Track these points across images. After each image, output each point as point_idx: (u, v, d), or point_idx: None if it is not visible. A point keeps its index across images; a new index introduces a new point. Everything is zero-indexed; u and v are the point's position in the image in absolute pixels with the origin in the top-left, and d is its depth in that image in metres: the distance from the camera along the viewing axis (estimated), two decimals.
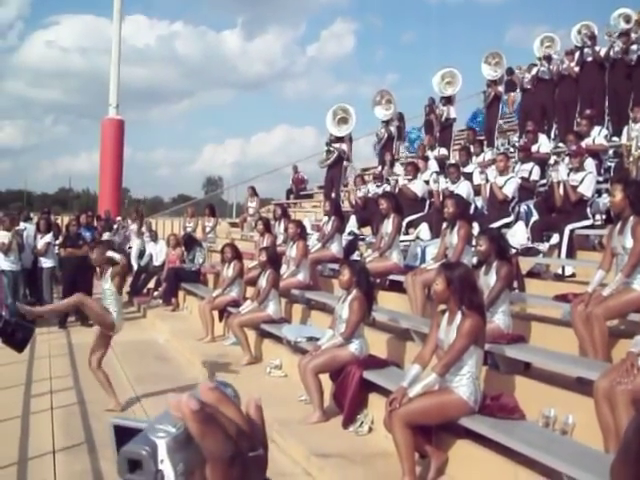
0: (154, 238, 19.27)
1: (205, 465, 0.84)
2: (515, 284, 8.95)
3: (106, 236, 18.62)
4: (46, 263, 15.49)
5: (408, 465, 5.88)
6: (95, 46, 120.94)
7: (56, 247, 15.83)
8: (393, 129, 19.73)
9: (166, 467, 0.83)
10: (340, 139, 18.09)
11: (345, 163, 18.74)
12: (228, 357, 10.95)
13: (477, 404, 5.96)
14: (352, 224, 14.32)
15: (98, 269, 14.86)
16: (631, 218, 6.67)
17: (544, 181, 12.00)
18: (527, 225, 10.44)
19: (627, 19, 15.35)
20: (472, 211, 11.36)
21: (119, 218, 24.12)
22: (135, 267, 17.76)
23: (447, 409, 5.94)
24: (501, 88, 18.52)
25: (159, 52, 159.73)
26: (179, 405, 0.83)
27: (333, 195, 17.89)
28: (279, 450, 7.34)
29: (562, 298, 7.63)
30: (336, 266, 10.23)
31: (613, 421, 5.06)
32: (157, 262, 18.16)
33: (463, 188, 12.20)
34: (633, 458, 0.89)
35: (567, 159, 11.24)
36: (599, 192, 11.02)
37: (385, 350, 8.72)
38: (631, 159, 11.43)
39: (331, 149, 18.09)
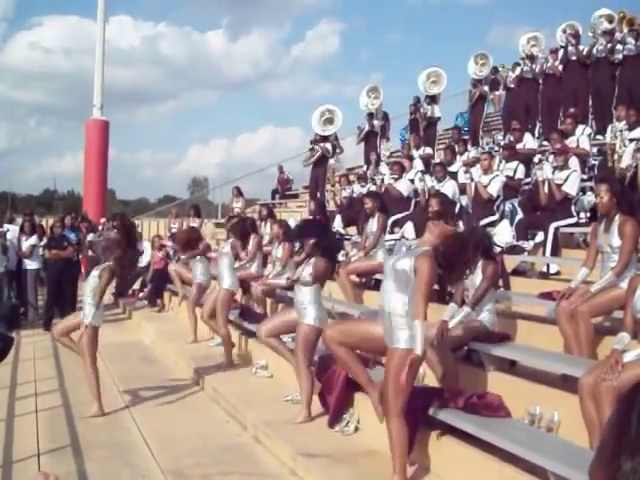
0: (139, 239, 19.21)
1: None
2: (500, 282, 8.96)
3: (90, 237, 18.52)
4: (31, 265, 15.42)
5: (401, 463, 5.88)
6: (79, 47, 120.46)
7: (40, 249, 15.74)
8: (376, 124, 19.76)
9: None
10: (325, 139, 18.13)
11: (331, 162, 18.78)
12: (214, 358, 10.91)
13: None
14: (337, 224, 14.32)
15: (83, 269, 14.86)
16: (617, 217, 6.69)
17: (529, 180, 12.03)
18: (512, 223, 10.45)
19: (610, 19, 15.39)
20: (457, 210, 11.35)
21: (103, 220, 24.03)
22: None
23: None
24: (486, 88, 18.56)
25: (144, 53, 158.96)
26: None
27: (318, 195, 17.92)
28: (265, 450, 7.33)
29: (547, 296, 7.65)
30: None
31: (598, 418, 5.07)
32: (142, 263, 18.11)
33: (449, 187, 12.23)
34: (608, 457, 0.88)
35: (551, 157, 11.28)
36: (583, 190, 11.05)
37: None
38: (615, 157, 11.46)
39: (315, 147, 18.14)
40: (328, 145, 18.16)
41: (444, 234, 5.92)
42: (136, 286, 18.11)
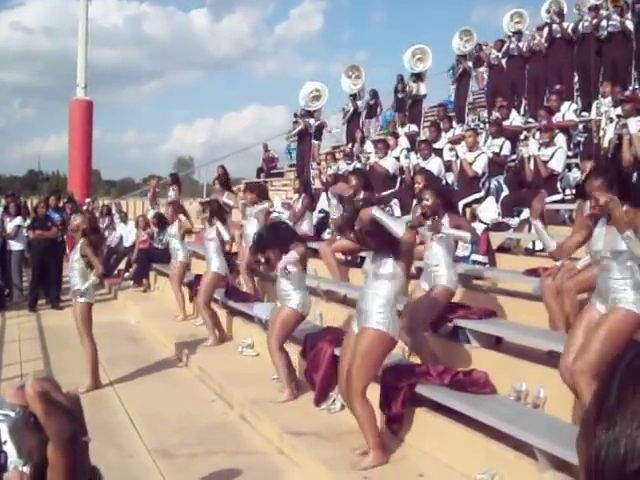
0: (124, 219, 19.16)
1: (45, 446, 0.87)
2: (486, 259, 8.97)
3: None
4: (15, 246, 15.31)
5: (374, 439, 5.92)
6: (62, 27, 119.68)
7: (25, 230, 15.64)
8: (360, 104, 19.71)
9: (9, 448, 0.87)
10: (310, 114, 18.12)
11: (315, 142, 18.77)
12: (200, 338, 10.90)
13: None
14: (323, 202, 14.27)
15: (68, 249, 14.77)
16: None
17: (514, 156, 12.02)
18: (497, 200, 10.46)
19: None
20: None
21: (88, 200, 23.90)
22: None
23: None
24: (470, 64, 18.50)
25: (127, 33, 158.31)
26: (21, 389, 0.87)
27: (305, 172, 17.91)
28: (252, 429, 7.34)
29: (532, 272, 7.66)
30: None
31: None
32: (127, 243, 18.09)
33: (434, 164, 12.20)
34: (590, 428, 0.87)
35: (537, 134, 11.26)
36: (569, 167, 11.05)
37: None
38: (600, 134, 11.45)
39: (299, 121, 18.15)
40: (312, 120, 18.16)
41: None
42: (121, 266, 18.08)
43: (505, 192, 10.61)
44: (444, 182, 11.81)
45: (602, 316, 5.14)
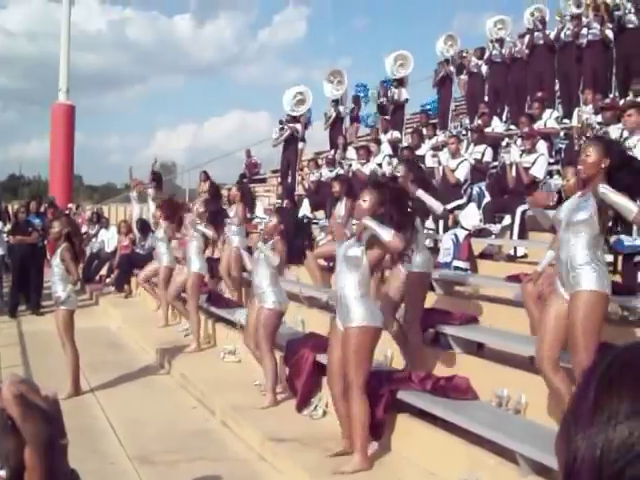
0: (105, 225, 19.09)
1: (22, 449, 0.86)
2: (468, 265, 8.99)
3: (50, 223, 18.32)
4: None
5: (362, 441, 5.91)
6: (45, 31, 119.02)
7: (5, 235, 15.55)
8: (342, 109, 19.71)
9: None
10: (295, 119, 18.13)
11: (300, 145, 18.77)
12: (181, 344, 10.87)
13: None
14: (305, 208, 14.28)
15: (49, 255, 14.69)
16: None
17: (496, 163, 12.07)
18: (479, 207, 10.48)
19: (578, 4, 15.43)
20: None
21: (71, 205, 23.81)
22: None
23: None
24: (452, 68, 18.52)
25: (111, 37, 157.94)
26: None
27: (289, 179, 17.89)
28: (233, 435, 7.33)
29: (514, 279, 7.67)
30: None
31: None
32: (109, 249, 18.02)
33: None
34: (567, 431, 0.87)
35: (519, 141, 11.30)
36: (550, 174, 11.10)
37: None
38: (582, 141, 11.50)
39: (285, 127, 18.14)
40: (298, 126, 18.17)
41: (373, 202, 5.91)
42: (103, 272, 18.00)
43: (487, 198, 10.64)
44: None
45: (570, 305, 5.07)
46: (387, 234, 5.69)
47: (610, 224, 5.52)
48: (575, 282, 5.01)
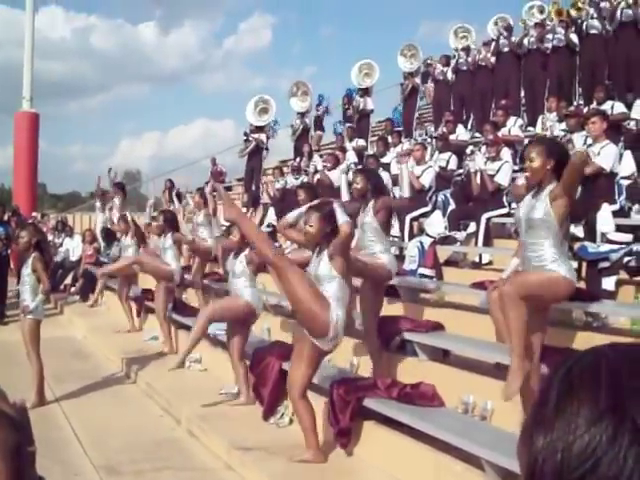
0: (69, 233, 18.97)
1: None
2: (433, 272, 9.01)
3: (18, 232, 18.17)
4: None
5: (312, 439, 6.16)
6: (7, 38, 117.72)
7: None
8: (308, 121, 19.71)
9: None
10: (260, 129, 18.13)
11: (264, 153, 18.76)
12: (147, 352, 10.82)
13: None
14: (271, 216, 14.25)
15: (13, 265, 14.57)
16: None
17: (461, 170, 12.13)
18: (444, 214, 10.52)
19: (541, 9, 15.59)
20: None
21: (35, 214, 23.63)
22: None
23: None
24: (418, 80, 18.61)
25: (75, 45, 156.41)
26: None
27: (253, 187, 17.86)
28: (200, 444, 7.29)
29: (479, 285, 7.70)
30: None
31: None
32: (73, 257, 17.90)
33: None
34: (527, 434, 0.89)
35: (484, 149, 11.37)
36: (515, 181, 11.17)
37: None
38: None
39: (250, 139, 18.12)
40: (263, 136, 18.17)
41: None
42: (67, 281, 17.88)
43: (452, 206, 10.69)
44: (391, 195, 11.85)
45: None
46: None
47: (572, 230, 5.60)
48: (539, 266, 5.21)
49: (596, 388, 0.84)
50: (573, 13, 14.54)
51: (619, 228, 7.90)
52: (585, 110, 11.48)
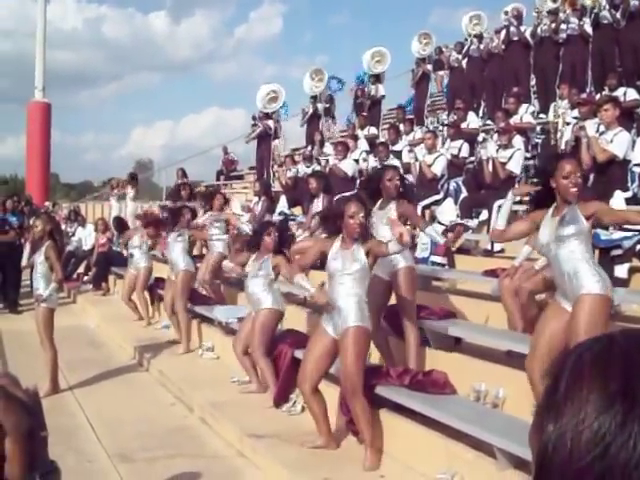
0: (82, 223, 19.01)
1: (2, 440, 0.87)
2: (445, 260, 9.01)
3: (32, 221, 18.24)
4: None
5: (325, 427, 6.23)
6: (20, 29, 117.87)
7: None
8: (320, 106, 19.69)
9: None
10: (267, 116, 18.14)
11: (275, 142, 18.77)
12: (159, 340, 10.85)
13: None
14: (282, 204, 14.25)
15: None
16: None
17: (473, 158, 12.10)
18: (456, 202, 10.50)
19: None
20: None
21: (47, 203, 23.70)
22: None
23: None
24: (429, 66, 18.57)
25: (87, 35, 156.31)
26: None
27: (264, 175, 17.89)
28: (212, 432, 7.31)
29: (491, 273, 7.69)
30: None
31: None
32: (86, 247, 17.95)
33: (347, 165, 12.45)
34: (539, 421, 0.89)
35: (495, 136, 11.34)
36: (527, 168, 11.14)
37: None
38: (558, 135, 11.56)
39: (257, 124, 18.17)
40: (270, 122, 18.18)
41: None
42: (80, 270, 17.93)
43: (464, 194, 10.67)
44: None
45: (574, 307, 4.96)
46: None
47: None
48: (579, 286, 4.93)
49: (606, 375, 0.84)
50: (588, 2, 14.45)
51: None
52: (597, 97, 11.43)
